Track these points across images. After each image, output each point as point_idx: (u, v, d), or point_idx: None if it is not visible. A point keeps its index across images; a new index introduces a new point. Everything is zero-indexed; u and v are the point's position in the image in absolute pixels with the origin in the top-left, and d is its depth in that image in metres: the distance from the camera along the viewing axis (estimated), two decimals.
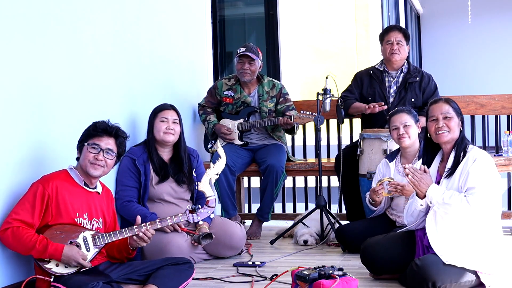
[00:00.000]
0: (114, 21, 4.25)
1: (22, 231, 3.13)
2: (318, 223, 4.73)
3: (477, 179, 3.25)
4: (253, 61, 5.02)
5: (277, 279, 3.51)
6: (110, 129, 3.42)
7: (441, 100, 3.49)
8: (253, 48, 5.05)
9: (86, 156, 3.35)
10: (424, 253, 3.40)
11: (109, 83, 4.17)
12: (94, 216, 3.39)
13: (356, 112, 5.08)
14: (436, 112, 3.44)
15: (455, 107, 3.46)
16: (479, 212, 3.24)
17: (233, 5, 8.84)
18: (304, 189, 5.94)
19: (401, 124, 4.20)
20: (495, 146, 5.57)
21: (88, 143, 3.36)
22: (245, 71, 5.05)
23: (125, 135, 3.51)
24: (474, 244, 3.28)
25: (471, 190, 3.24)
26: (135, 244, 3.37)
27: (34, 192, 3.22)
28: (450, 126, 3.40)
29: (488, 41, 13.43)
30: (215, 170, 3.53)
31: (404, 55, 5.03)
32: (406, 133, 4.19)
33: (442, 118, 3.41)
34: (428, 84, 5.03)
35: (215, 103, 5.28)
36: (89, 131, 3.41)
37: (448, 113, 3.42)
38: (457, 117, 3.43)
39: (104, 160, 3.36)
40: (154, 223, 3.39)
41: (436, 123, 3.42)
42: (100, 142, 3.36)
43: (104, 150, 3.36)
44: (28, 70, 3.44)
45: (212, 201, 3.50)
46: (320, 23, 9.52)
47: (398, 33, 5.01)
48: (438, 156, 3.51)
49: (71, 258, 3.14)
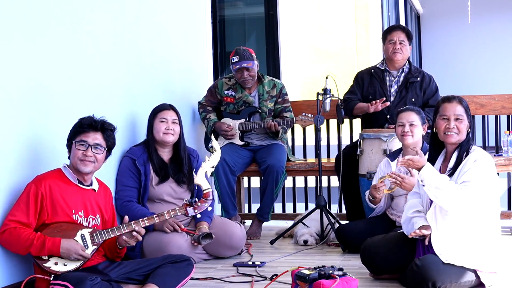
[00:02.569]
0: (114, 21, 4.25)
1: (19, 231, 3.14)
2: (318, 223, 4.73)
3: (473, 175, 3.25)
4: (250, 68, 5.02)
5: (277, 279, 3.51)
6: (95, 123, 3.39)
7: (455, 100, 3.43)
8: (245, 53, 5.01)
9: (75, 153, 3.34)
10: (424, 253, 3.40)
11: (109, 83, 4.17)
12: (90, 213, 3.38)
13: (360, 112, 5.06)
14: (449, 111, 3.40)
15: (467, 109, 3.43)
16: (470, 204, 3.22)
17: (233, 5, 8.83)
18: (304, 189, 5.94)
19: (407, 122, 4.21)
20: (495, 146, 5.56)
21: (75, 140, 3.35)
22: (246, 79, 5.06)
23: (112, 127, 3.48)
24: (474, 243, 3.28)
25: (465, 183, 3.24)
26: (124, 244, 3.37)
27: (27, 192, 3.23)
28: (460, 129, 3.38)
29: (488, 41, 13.43)
30: (211, 163, 3.52)
31: (406, 55, 5.03)
32: (411, 131, 4.20)
33: (453, 119, 3.38)
34: (429, 85, 5.03)
35: (215, 102, 5.28)
36: (75, 128, 3.39)
37: (460, 115, 3.38)
38: (467, 118, 3.41)
39: (93, 156, 3.35)
40: (152, 219, 3.39)
41: (447, 123, 3.38)
42: (87, 138, 3.35)
43: (92, 145, 3.35)
44: (28, 70, 3.44)
45: (209, 194, 3.49)
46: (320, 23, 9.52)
47: (401, 33, 5.01)
48: (441, 155, 3.50)
49: (71, 250, 3.14)
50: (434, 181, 3.24)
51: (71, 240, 3.18)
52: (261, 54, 5.19)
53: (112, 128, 3.48)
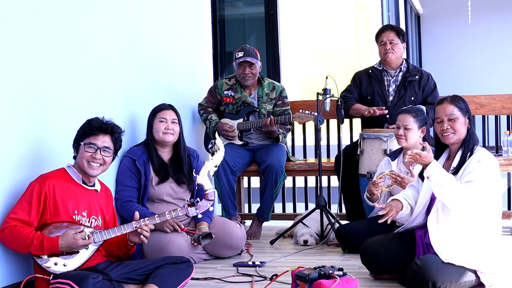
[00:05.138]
0: (114, 21, 4.25)
1: (19, 229, 3.13)
2: (318, 223, 4.73)
3: (477, 175, 3.25)
4: (253, 64, 5.02)
5: (277, 279, 3.51)
6: (105, 126, 3.39)
7: (446, 100, 3.44)
8: (251, 51, 5.04)
9: (84, 155, 3.34)
10: (425, 253, 3.40)
11: (109, 83, 4.17)
12: (93, 214, 3.38)
13: (356, 113, 5.08)
14: (441, 113, 3.41)
15: (461, 106, 3.41)
16: (474, 204, 3.22)
17: (233, 5, 8.83)
18: (304, 189, 5.94)
19: (402, 125, 4.20)
20: (495, 146, 5.57)
21: (84, 142, 3.34)
22: (246, 75, 5.05)
23: (120, 130, 3.49)
24: (474, 243, 3.28)
25: (469, 183, 3.24)
26: (135, 240, 3.37)
27: (31, 191, 3.22)
28: (455, 128, 3.37)
29: (488, 41, 13.42)
30: (214, 162, 3.49)
31: (399, 53, 5.02)
32: (405, 135, 4.19)
33: (446, 120, 3.38)
34: (427, 83, 5.03)
35: (216, 103, 5.28)
36: (84, 130, 3.39)
37: (452, 114, 3.38)
38: (463, 116, 3.39)
39: (101, 158, 3.36)
40: (153, 218, 3.38)
41: (441, 125, 3.40)
42: (96, 141, 3.35)
43: (101, 148, 3.35)
44: (28, 70, 3.44)
45: (211, 194, 3.47)
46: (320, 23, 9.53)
47: (390, 32, 5.00)
48: (445, 154, 3.50)
49: (70, 243, 3.12)
50: (440, 178, 3.24)
51: (66, 234, 3.13)
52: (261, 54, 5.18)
53: (120, 131, 3.49)
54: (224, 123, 5.15)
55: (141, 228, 3.32)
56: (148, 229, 3.35)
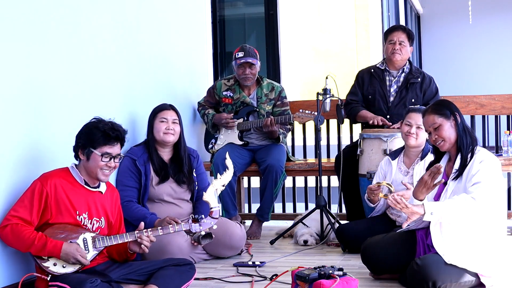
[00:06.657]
0: (114, 21, 4.25)
1: (21, 228, 3.14)
2: (318, 223, 4.73)
3: (482, 176, 3.24)
4: (254, 65, 5.02)
5: (277, 279, 3.51)
6: (121, 135, 3.38)
7: (427, 112, 3.44)
8: (251, 51, 5.04)
9: (97, 163, 3.32)
10: (425, 253, 3.39)
11: (109, 83, 4.17)
12: (94, 216, 3.38)
13: (362, 121, 5.05)
14: (426, 126, 3.45)
15: (442, 112, 3.39)
16: (485, 207, 3.20)
17: (233, 5, 8.83)
18: (304, 189, 5.94)
19: (415, 124, 4.16)
20: (495, 146, 5.57)
21: (101, 153, 3.31)
22: (246, 76, 5.05)
23: (126, 133, 3.48)
24: (478, 246, 3.27)
25: (476, 185, 3.22)
26: (135, 249, 3.37)
27: (32, 189, 3.22)
28: (443, 135, 3.37)
29: (489, 41, 13.41)
30: (222, 181, 3.51)
31: (406, 55, 5.01)
32: (416, 134, 4.16)
33: (433, 130, 3.39)
34: (429, 86, 5.02)
35: (214, 103, 5.28)
36: (96, 136, 3.32)
37: (435, 123, 3.38)
38: (447, 120, 3.38)
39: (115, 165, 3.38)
40: (156, 230, 3.38)
41: (430, 137, 3.43)
42: (112, 150, 3.34)
43: (115, 156, 3.37)
44: (28, 70, 3.45)
45: (216, 212, 3.49)
46: (320, 23, 9.53)
47: (401, 33, 4.99)
48: (446, 156, 3.50)
49: (70, 255, 3.13)
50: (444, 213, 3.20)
51: (72, 244, 3.17)
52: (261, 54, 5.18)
53: (126, 134, 3.48)
54: (221, 113, 5.15)
55: (142, 238, 3.32)
56: (149, 241, 3.35)
